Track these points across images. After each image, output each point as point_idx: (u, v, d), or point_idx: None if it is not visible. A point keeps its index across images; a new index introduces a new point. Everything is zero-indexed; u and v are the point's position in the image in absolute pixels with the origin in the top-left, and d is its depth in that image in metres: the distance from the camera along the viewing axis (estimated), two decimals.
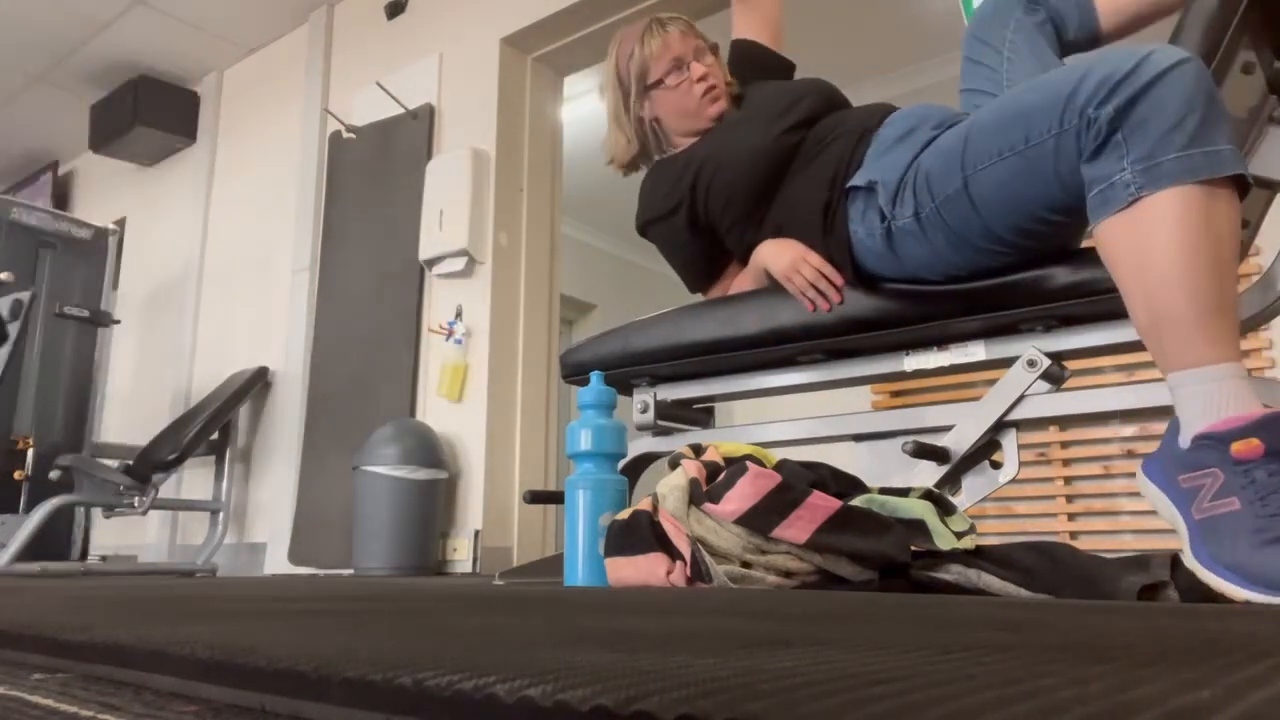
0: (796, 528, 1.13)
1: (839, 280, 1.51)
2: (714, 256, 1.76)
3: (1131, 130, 1.07)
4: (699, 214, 1.70)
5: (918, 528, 1.16)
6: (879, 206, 1.43)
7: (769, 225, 1.62)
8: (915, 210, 1.37)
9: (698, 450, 1.33)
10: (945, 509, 1.23)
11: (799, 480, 1.19)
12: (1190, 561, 0.97)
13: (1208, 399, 1.00)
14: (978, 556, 1.11)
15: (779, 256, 1.57)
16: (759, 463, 1.26)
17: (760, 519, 1.15)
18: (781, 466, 1.26)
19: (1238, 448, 0.95)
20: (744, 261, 1.70)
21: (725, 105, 1.76)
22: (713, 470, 1.26)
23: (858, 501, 1.19)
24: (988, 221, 1.30)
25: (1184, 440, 1.02)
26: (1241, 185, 1.05)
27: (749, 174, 1.61)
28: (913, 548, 1.12)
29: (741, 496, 1.16)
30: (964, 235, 1.34)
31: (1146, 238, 1.05)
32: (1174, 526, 1.03)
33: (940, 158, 1.35)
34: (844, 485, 1.27)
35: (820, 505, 1.14)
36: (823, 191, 1.52)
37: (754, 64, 1.85)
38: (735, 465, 1.21)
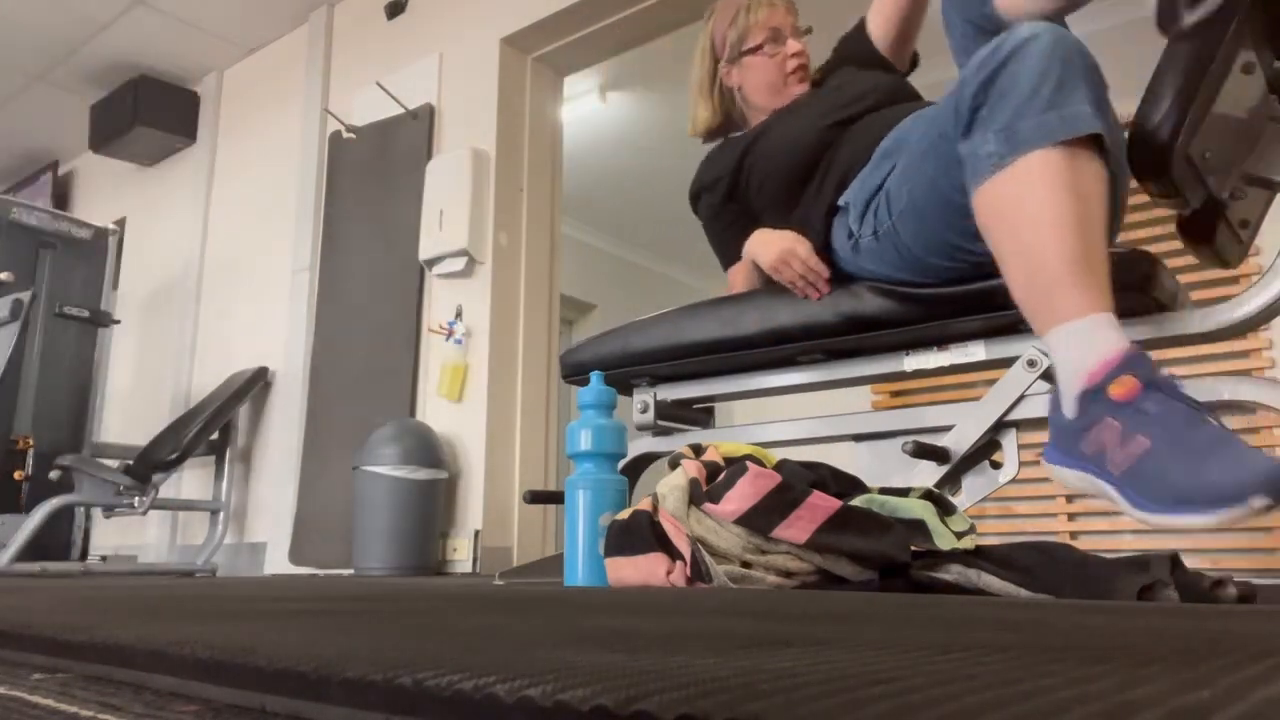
0: (796, 528, 1.13)
1: (825, 273, 1.54)
2: (746, 236, 1.76)
3: (993, 104, 1.10)
4: (739, 191, 1.73)
5: (918, 528, 1.16)
6: (848, 224, 1.49)
7: (795, 216, 1.64)
8: (875, 229, 1.43)
9: (698, 450, 1.33)
10: (945, 509, 1.23)
11: (799, 480, 1.19)
12: (1139, 515, 0.96)
13: (1080, 350, 1.01)
14: (978, 556, 1.11)
15: (768, 247, 1.58)
16: (759, 463, 1.26)
17: (760, 519, 1.15)
18: (781, 466, 1.26)
19: (1115, 390, 0.96)
20: None
21: (806, 89, 1.77)
22: (713, 470, 1.26)
23: (857, 501, 1.19)
24: (933, 229, 1.33)
25: (1068, 410, 1.02)
26: (1105, 144, 1.07)
27: (787, 162, 1.63)
28: (913, 548, 1.12)
29: (741, 496, 1.16)
30: (914, 250, 1.38)
31: (1014, 201, 1.08)
32: (1103, 497, 1.02)
33: (898, 177, 1.39)
34: (844, 485, 1.27)
35: (820, 505, 1.14)
36: (832, 193, 1.56)
37: (857, 50, 1.79)
38: (735, 465, 1.21)
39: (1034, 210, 1.06)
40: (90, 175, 5.35)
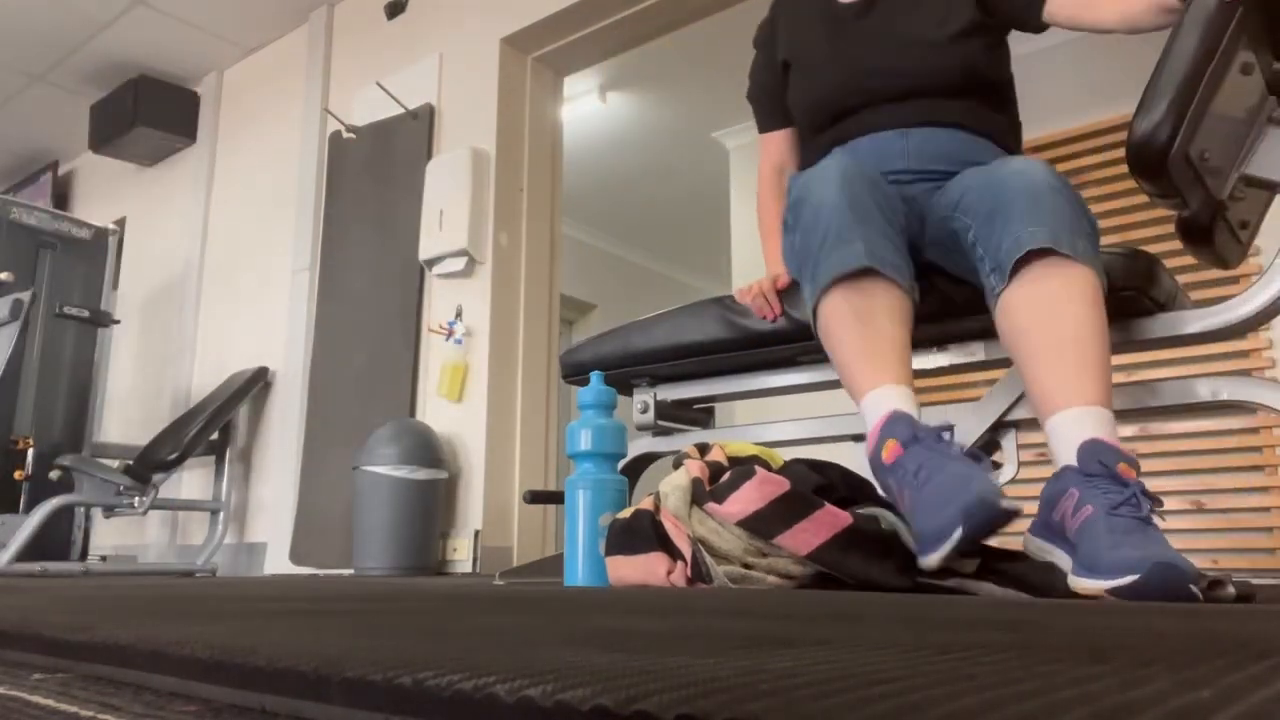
0: (800, 539, 1.13)
1: (777, 309, 1.61)
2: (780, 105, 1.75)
3: (799, 245, 1.31)
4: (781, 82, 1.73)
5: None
6: None
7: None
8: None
9: (703, 449, 1.33)
10: None
11: (806, 486, 1.18)
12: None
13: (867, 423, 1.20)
14: (984, 569, 1.10)
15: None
16: (765, 464, 1.26)
17: (763, 524, 1.14)
18: (788, 468, 1.25)
19: (884, 455, 1.13)
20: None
21: None
22: (716, 470, 1.25)
23: (865, 512, 1.18)
24: None
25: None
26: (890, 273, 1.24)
27: (805, 120, 1.67)
28: (918, 579, 1.11)
29: (746, 499, 1.16)
30: None
31: (825, 330, 1.28)
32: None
33: None
34: (854, 489, 1.25)
35: (827, 521, 1.13)
36: None
37: None
38: (742, 467, 1.21)
39: (833, 345, 1.28)
40: (90, 175, 5.35)
